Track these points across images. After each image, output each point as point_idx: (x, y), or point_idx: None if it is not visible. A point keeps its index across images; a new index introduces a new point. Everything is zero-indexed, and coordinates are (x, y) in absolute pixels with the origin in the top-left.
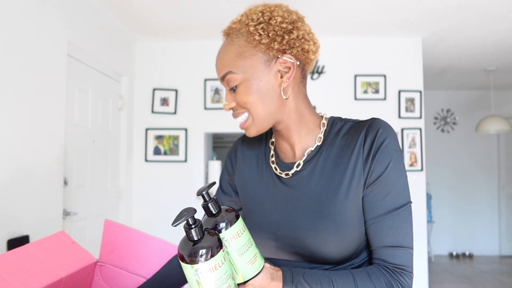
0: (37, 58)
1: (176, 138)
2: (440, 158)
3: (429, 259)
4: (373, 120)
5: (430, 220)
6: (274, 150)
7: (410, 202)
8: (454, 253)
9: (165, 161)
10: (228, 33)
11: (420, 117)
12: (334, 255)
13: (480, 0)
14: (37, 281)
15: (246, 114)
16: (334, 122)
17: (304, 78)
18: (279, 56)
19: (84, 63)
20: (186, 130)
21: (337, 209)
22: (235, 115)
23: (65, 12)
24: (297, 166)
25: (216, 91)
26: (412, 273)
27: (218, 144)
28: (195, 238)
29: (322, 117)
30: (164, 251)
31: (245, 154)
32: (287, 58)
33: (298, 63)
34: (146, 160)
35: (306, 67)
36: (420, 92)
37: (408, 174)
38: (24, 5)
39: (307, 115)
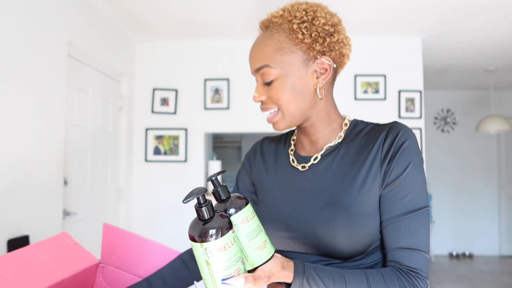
0: (37, 58)
1: (176, 138)
2: (440, 158)
3: (429, 259)
4: (395, 123)
5: (430, 220)
6: (294, 145)
7: (428, 206)
8: (454, 253)
9: (165, 161)
10: (267, 26)
11: (420, 117)
12: (343, 248)
13: (480, 1)
14: (40, 282)
15: (275, 110)
16: (357, 124)
17: (334, 80)
18: (318, 57)
19: (84, 63)
20: (186, 130)
21: (350, 201)
22: (263, 109)
23: (65, 12)
24: (314, 159)
25: (216, 91)
26: (427, 278)
27: (218, 144)
28: (206, 217)
29: (345, 118)
30: (163, 255)
31: (264, 152)
32: (326, 60)
33: (334, 65)
34: (146, 160)
35: (338, 70)
36: (420, 92)
37: None
38: (24, 5)
39: (333, 115)
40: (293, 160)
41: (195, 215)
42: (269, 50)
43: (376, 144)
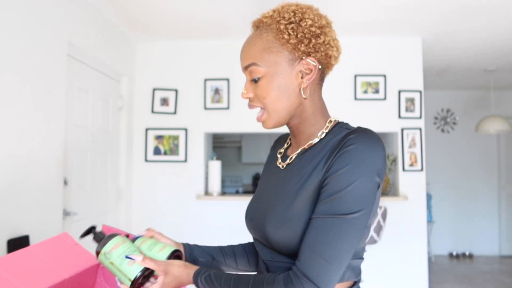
0: (37, 58)
1: (176, 138)
2: (440, 158)
3: (429, 259)
4: (357, 128)
5: (430, 220)
6: (288, 144)
7: (355, 213)
8: (454, 253)
9: (165, 161)
10: (258, 25)
11: (420, 117)
12: (282, 244)
13: (480, 1)
14: (40, 282)
15: (260, 107)
16: (337, 127)
17: (321, 80)
18: (303, 58)
19: (84, 63)
20: (186, 130)
21: (289, 203)
22: (250, 106)
23: (65, 12)
24: (290, 159)
25: (216, 91)
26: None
27: (218, 144)
28: (100, 238)
29: (331, 120)
30: None
31: (271, 153)
32: (311, 61)
33: (320, 66)
34: (146, 160)
35: (325, 71)
36: (420, 92)
37: (408, 174)
38: (24, 5)
39: (318, 115)
40: (279, 158)
41: (194, 216)
42: (257, 49)
43: (332, 149)
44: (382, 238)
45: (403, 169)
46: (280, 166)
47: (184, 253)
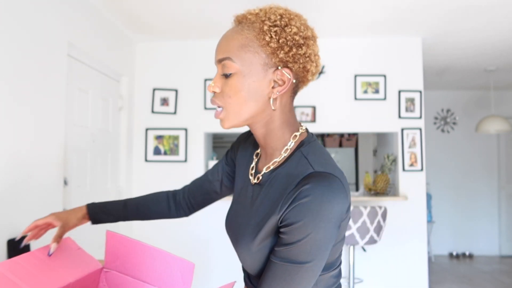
0: (37, 58)
1: (176, 138)
2: (440, 158)
3: (429, 259)
4: (311, 173)
5: (430, 220)
6: (259, 155)
7: (310, 263)
8: (454, 253)
9: (165, 161)
10: (241, 21)
11: (420, 117)
12: (250, 270)
13: (480, 1)
14: (46, 285)
15: (221, 108)
16: (299, 152)
17: (294, 93)
18: (279, 67)
19: (84, 63)
20: (186, 130)
21: (254, 236)
22: (212, 101)
23: (65, 12)
24: (258, 179)
25: None
26: None
27: (218, 144)
28: None
29: (296, 135)
30: (166, 261)
31: (242, 151)
32: (286, 72)
33: (294, 80)
34: (146, 160)
35: (300, 85)
36: (420, 92)
37: (408, 174)
38: (24, 5)
39: (285, 128)
40: (252, 167)
41: (194, 215)
42: (235, 44)
43: (288, 191)
44: (382, 238)
45: (403, 169)
46: (251, 180)
47: (89, 216)
